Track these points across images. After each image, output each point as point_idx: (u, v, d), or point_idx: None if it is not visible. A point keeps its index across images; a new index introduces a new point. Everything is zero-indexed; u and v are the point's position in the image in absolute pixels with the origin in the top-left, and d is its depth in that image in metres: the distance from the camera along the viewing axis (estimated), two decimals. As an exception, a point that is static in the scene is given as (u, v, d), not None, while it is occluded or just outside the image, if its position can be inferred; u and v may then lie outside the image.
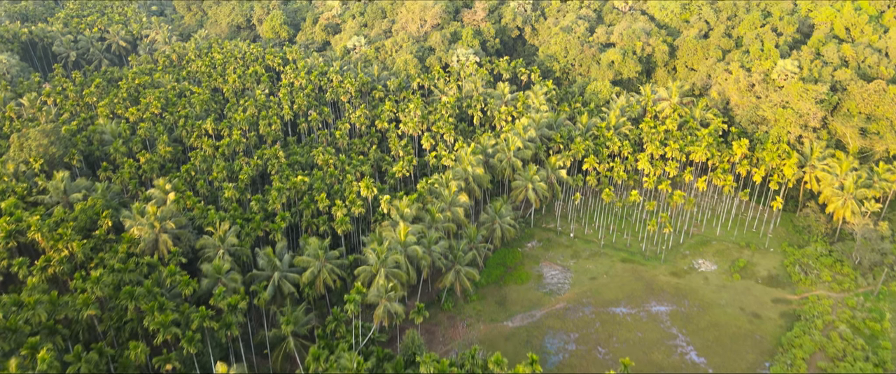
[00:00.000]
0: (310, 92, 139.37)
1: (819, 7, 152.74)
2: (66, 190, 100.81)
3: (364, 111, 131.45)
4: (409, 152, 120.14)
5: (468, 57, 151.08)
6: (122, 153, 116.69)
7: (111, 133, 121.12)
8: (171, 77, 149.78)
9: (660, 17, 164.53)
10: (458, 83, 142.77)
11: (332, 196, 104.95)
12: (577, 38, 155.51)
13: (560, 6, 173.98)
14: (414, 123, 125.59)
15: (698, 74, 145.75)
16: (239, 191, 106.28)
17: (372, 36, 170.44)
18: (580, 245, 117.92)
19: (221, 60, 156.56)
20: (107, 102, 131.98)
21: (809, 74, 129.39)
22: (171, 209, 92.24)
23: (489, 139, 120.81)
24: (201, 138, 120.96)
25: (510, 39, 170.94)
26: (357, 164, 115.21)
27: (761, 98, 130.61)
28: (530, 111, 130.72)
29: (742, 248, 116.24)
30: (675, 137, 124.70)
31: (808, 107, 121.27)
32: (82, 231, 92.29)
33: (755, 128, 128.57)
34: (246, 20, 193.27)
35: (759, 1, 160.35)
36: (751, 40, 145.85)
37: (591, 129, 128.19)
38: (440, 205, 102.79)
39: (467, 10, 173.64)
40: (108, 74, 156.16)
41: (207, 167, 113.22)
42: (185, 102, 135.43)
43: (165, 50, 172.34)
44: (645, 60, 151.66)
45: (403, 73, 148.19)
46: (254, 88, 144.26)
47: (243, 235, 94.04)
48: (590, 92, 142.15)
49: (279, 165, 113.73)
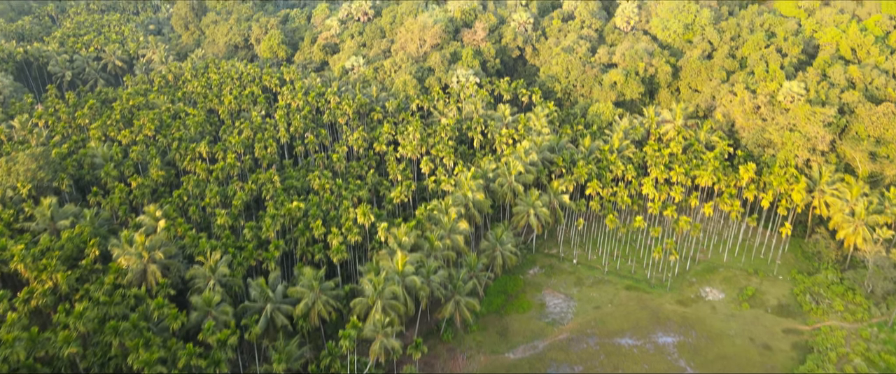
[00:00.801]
0: (307, 114, 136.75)
1: (824, 28, 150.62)
2: (54, 217, 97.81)
3: (362, 133, 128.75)
4: (407, 177, 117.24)
5: (468, 78, 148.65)
6: (114, 177, 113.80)
7: (103, 156, 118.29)
8: (166, 98, 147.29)
9: (662, 37, 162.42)
10: (457, 105, 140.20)
11: (328, 223, 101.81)
12: (579, 59, 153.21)
13: (561, 26, 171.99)
14: (412, 146, 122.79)
15: (702, 96, 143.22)
16: (232, 217, 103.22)
17: (371, 56, 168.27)
18: (583, 272, 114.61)
19: (218, 81, 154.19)
20: (99, 124, 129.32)
21: (816, 96, 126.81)
22: (160, 238, 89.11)
23: (490, 163, 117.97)
24: (195, 162, 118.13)
25: (511, 60, 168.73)
26: (354, 188, 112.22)
27: (767, 121, 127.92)
28: (532, 134, 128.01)
29: (750, 275, 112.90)
30: (681, 160, 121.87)
31: (815, 130, 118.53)
32: (68, 260, 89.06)
33: (762, 151, 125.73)
34: (244, 40, 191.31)
35: (763, 21, 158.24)
36: (755, 61, 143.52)
37: (594, 152, 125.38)
38: (439, 233, 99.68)
39: (467, 30, 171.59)
40: (103, 94, 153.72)
41: (200, 192, 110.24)
42: (180, 123, 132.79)
43: (162, 70, 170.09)
44: (648, 81, 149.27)
45: (402, 94, 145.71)
46: (250, 109, 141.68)
47: (235, 264, 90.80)
48: (592, 114, 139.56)
49: (274, 190, 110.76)
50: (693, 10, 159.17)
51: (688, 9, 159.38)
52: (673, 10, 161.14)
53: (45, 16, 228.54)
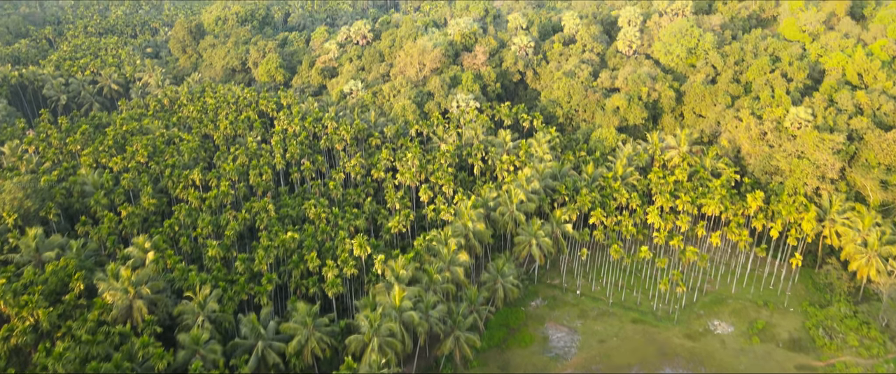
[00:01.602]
0: (303, 139, 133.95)
1: (829, 52, 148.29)
2: (39, 248, 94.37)
3: (359, 160, 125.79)
4: (406, 205, 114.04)
5: (468, 102, 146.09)
6: (104, 206, 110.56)
7: (93, 184, 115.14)
8: (161, 123, 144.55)
9: (665, 61, 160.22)
10: (457, 130, 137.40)
11: (323, 255, 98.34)
12: (581, 83, 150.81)
13: (562, 50, 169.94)
14: (411, 173, 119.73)
15: (707, 121, 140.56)
16: (224, 248, 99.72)
17: (369, 80, 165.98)
18: (587, 304, 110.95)
19: (214, 105, 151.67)
20: (91, 150, 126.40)
21: (824, 123, 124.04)
22: (147, 272, 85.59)
23: (490, 191, 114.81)
24: (188, 189, 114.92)
25: (511, 84, 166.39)
26: (351, 218, 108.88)
27: (774, 147, 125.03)
28: (533, 160, 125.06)
29: (760, 307, 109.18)
30: (686, 188, 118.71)
31: (824, 157, 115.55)
32: (52, 295, 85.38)
33: (769, 178, 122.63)
34: (241, 63, 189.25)
35: (767, 45, 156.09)
36: (760, 86, 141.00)
37: (598, 179, 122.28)
38: (438, 265, 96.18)
39: (467, 54, 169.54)
40: (97, 119, 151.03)
41: (192, 222, 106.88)
42: (174, 150, 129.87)
43: (158, 94, 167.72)
44: (651, 106, 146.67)
45: (401, 119, 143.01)
46: (246, 134, 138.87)
47: (226, 299, 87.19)
48: (595, 139, 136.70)
49: (268, 220, 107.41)
50: (696, 35, 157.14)
51: (690, 33, 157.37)
52: (675, 34, 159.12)
53: (43, 39, 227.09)
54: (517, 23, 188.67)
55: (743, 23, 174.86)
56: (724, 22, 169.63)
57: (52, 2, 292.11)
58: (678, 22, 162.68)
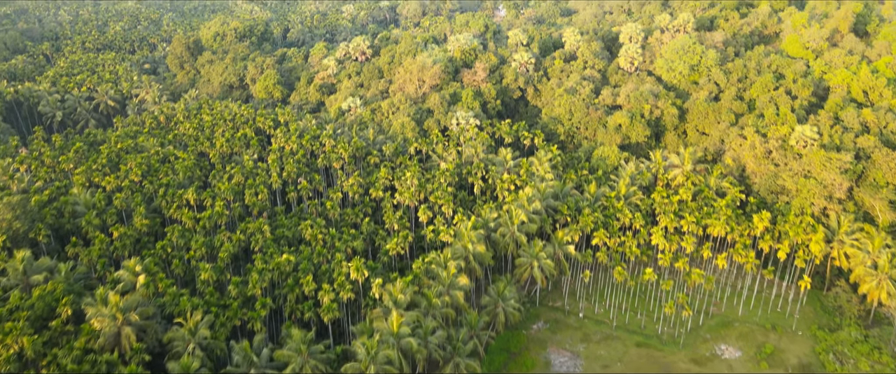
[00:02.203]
0: (301, 158, 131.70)
1: (834, 70, 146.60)
2: (26, 271, 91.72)
3: (357, 179, 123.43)
4: (404, 226, 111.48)
5: (468, 120, 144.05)
6: (95, 226, 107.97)
7: (85, 204, 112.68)
8: (156, 141, 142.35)
9: (667, 78, 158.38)
10: (457, 148, 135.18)
11: (319, 278, 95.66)
12: (582, 100, 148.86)
13: (563, 66, 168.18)
14: (410, 193, 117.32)
15: (710, 139, 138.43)
16: (218, 271, 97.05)
17: (368, 97, 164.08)
18: (590, 327, 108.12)
19: (210, 123, 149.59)
20: (84, 168, 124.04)
21: (830, 141, 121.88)
22: (137, 298, 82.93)
23: (491, 212, 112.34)
24: (181, 209, 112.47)
25: (512, 101, 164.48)
26: (348, 239, 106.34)
27: (780, 166, 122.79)
28: (534, 179, 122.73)
29: (768, 331, 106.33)
30: (691, 208, 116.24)
31: (832, 177, 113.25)
32: (38, 321, 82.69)
33: (775, 198, 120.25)
34: (239, 79, 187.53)
35: (770, 62, 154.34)
36: (765, 104, 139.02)
37: (600, 199, 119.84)
38: (438, 288, 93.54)
39: (467, 70, 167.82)
40: (91, 136, 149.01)
41: (185, 243, 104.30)
42: (168, 168, 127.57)
43: (154, 110, 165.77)
44: (653, 124, 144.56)
45: (400, 137, 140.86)
46: (242, 152, 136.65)
47: (218, 325, 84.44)
48: (597, 157, 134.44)
49: (264, 241, 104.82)
50: (698, 51, 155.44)
51: (693, 50, 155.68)
52: (678, 50, 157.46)
53: (40, 55, 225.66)
54: (517, 39, 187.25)
55: (745, 39, 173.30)
56: (727, 38, 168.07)
57: (51, 17, 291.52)
58: (680, 38, 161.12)
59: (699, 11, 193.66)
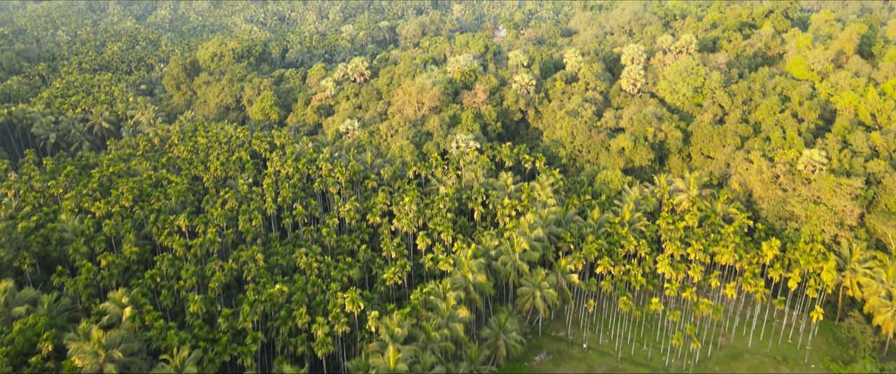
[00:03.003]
0: (296, 182, 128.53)
1: (840, 92, 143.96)
2: (8, 303, 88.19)
3: (354, 204, 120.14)
4: (402, 254, 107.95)
5: (468, 143, 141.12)
6: (83, 254, 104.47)
7: (73, 231, 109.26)
8: (150, 164, 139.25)
9: (670, 100, 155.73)
10: (457, 172, 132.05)
11: (313, 310, 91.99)
12: (584, 123, 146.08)
13: (565, 88, 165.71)
14: (408, 219, 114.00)
15: (716, 163, 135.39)
16: (208, 302, 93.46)
17: (366, 118, 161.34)
18: (595, 358, 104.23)
19: (205, 145, 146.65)
20: (73, 194, 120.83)
21: (840, 166, 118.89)
22: (121, 333, 79.33)
23: (491, 239, 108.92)
24: (173, 236, 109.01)
25: (513, 123, 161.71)
26: (344, 267, 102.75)
27: (788, 191, 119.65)
28: (536, 204, 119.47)
29: (779, 363, 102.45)
30: (697, 235, 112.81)
31: (842, 203, 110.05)
32: (18, 357, 79.02)
33: (784, 224, 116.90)
34: (235, 101, 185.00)
35: (775, 84, 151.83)
36: (770, 127, 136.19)
37: (604, 225, 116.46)
38: (436, 321, 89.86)
39: (467, 92, 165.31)
40: (84, 159, 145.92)
41: (176, 272, 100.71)
42: (161, 193, 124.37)
43: (149, 132, 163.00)
44: (657, 147, 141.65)
45: (398, 160, 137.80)
46: (237, 176, 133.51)
47: (206, 361, 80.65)
48: (600, 182, 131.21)
49: (256, 270, 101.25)
50: (702, 73, 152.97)
51: (697, 71, 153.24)
52: (681, 72, 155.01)
53: (36, 75, 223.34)
54: (518, 60, 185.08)
55: (748, 61, 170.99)
56: (730, 60, 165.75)
57: (49, 38, 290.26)
58: (683, 60, 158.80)
59: (701, 32, 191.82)
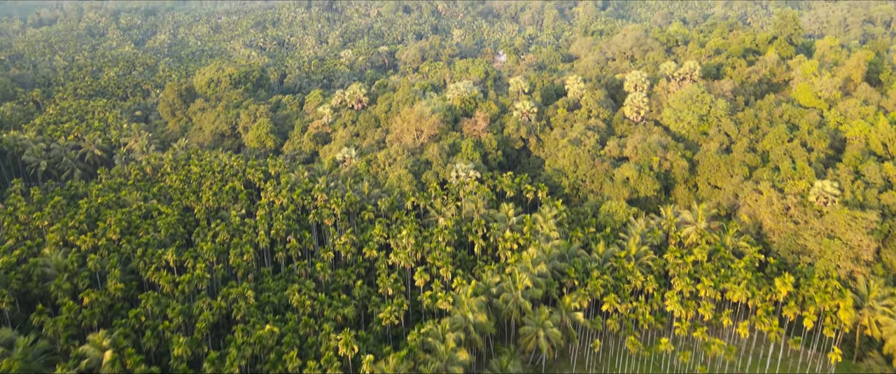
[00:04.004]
0: (291, 213, 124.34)
1: (849, 120, 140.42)
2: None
3: (350, 237, 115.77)
4: (399, 290, 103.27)
5: (468, 172, 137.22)
6: (65, 291, 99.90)
7: (56, 266, 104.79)
8: (140, 194, 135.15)
9: (675, 128, 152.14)
10: (456, 204, 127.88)
11: (304, 352, 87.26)
12: (587, 152, 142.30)
13: (567, 115, 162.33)
14: (405, 253, 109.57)
15: (723, 193, 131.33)
16: (194, 344, 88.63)
17: (364, 147, 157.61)
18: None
19: (198, 174, 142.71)
20: (59, 226, 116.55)
21: (853, 197, 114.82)
22: (99, 381, 74.52)
23: (492, 275, 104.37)
24: (160, 272, 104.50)
25: (514, 151, 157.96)
26: (338, 305, 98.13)
27: (800, 224, 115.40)
28: (539, 237, 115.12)
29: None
30: (707, 270, 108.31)
31: (858, 238, 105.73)
32: (-11, 406, 74.20)
33: (796, 258, 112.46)
34: (231, 128, 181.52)
35: (782, 112, 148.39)
36: (779, 156, 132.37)
37: (609, 260, 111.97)
38: (435, 365, 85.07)
39: (467, 119, 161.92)
40: (72, 189, 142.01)
41: (161, 310, 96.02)
42: (150, 225, 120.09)
43: (141, 160, 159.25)
44: (662, 177, 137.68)
45: (396, 190, 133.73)
46: (230, 207, 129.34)
47: (189, 411, 75.81)
48: (604, 213, 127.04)
49: (247, 308, 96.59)
50: (707, 101, 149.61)
51: (702, 99, 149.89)
52: (686, 100, 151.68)
53: (30, 101, 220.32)
54: (519, 86, 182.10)
55: (754, 88, 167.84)
56: (735, 87, 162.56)
57: (45, 63, 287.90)
58: (687, 87, 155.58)
59: (704, 59, 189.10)
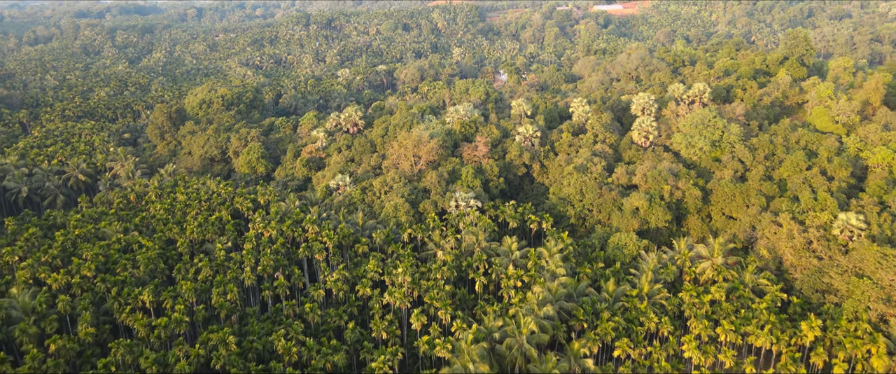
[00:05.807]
0: (280, 247, 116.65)
1: (870, 147, 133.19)
2: (-69, 405, 75.35)
3: (343, 273, 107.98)
4: (394, 335, 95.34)
5: (468, 201, 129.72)
6: (31, 336, 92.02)
7: (22, 308, 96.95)
8: (121, 225, 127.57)
9: (686, 154, 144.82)
10: (456, 236, 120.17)
11: (288, 410, 79.19)
12: (594, 179, 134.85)
13: (572, 140, 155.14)
14: (401, 292, 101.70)
15: (739, 224, 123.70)
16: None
17: (359, 173, 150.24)
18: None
19: (183, 203, 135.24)
20: (29, 263, 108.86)
21: (881, 232, 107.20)
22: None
23: (495, 318, 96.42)
24: (135, 314, 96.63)
25: (516, 178, 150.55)
26: (327, 352, 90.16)
27: (824, 260, 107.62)
28: (544, 274, 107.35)
29: None
30: (726, 311, 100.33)
31: (890, 277, 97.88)
32: None
33: (821, 298, 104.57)
34: (221, 152, 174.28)
35: (799, 137, 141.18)
36: (798, 185, 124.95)
37: (620, 299, 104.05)
38: (432, 425, 76.91)
39: (467, 144, 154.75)
40: (51, 219, 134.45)
41: (133, 360, 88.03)
42: (128, 260, 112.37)
43: (126, 187, 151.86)
44: (674, 207, 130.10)
45: (393, 221, 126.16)
46: (215, 240, 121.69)
47: None
48: (613, 246, 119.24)
49: (227, 356, 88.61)
50: (720, 126, 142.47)
51: (714, 123, 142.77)
52: (697, 124, 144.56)
53: (16, 123, 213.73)
54: (521, 109, 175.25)
55: (766, 111, 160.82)
56: (748, 110, 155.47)
57: (36, 82, 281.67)
58: (698, 111, 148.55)
59: (713, 80, 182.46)
